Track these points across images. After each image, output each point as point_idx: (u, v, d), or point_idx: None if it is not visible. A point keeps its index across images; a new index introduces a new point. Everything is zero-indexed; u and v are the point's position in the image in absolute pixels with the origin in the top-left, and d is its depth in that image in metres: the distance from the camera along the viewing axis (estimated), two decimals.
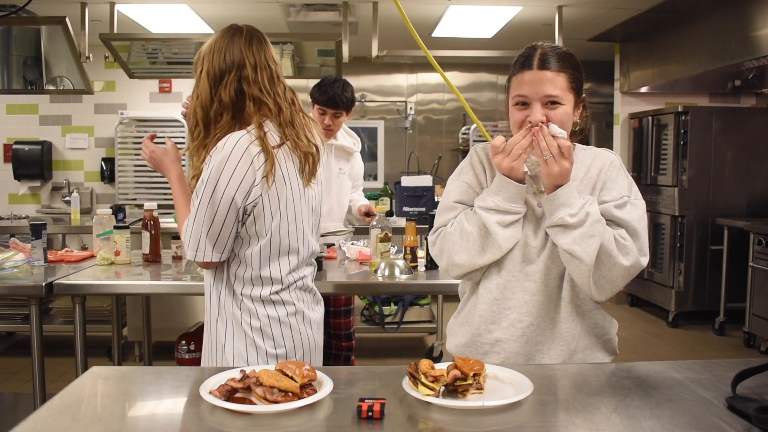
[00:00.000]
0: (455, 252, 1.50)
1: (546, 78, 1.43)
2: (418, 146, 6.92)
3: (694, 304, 5.19)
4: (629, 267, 1.42)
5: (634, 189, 1.53)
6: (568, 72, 1.45)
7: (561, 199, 1.39)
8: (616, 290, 1.46)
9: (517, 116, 1.47)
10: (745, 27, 4.20)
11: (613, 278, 1.43)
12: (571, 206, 1.39)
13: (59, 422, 1.08)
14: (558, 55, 1.46)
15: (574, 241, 1.39)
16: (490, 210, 1.44)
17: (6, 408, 3.32)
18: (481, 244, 1.47)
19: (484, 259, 1.49)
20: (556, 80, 1.43)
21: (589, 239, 1.38)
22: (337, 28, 4.55)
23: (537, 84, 1.43)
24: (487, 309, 1.52)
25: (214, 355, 1.71)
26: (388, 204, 4.57)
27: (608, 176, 1.51)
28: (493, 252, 1.47)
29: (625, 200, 1.48)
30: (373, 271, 2.52)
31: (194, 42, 4.33)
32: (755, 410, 1.08)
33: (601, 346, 1.55)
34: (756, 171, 5.26)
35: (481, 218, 1.46)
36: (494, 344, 1.52)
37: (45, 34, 4.07)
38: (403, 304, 4.40)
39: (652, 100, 5.85)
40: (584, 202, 1.41)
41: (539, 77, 1.43)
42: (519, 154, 1.39)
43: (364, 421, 1.07)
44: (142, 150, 1.81)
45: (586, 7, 4.66)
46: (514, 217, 1.45)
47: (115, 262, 2.69)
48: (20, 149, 5.83)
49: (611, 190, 1.49)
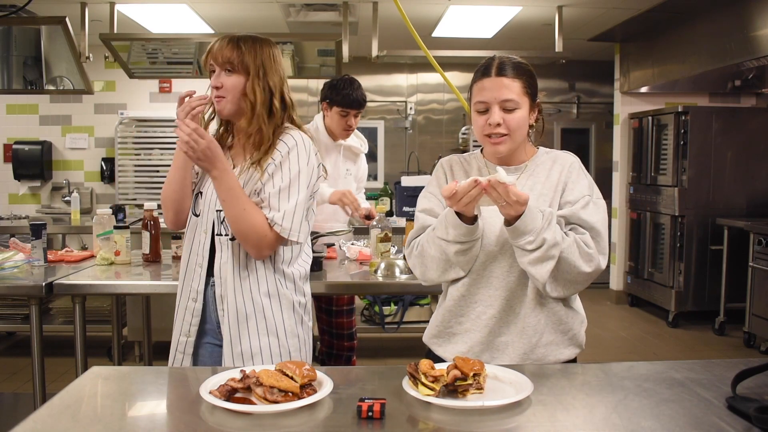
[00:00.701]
0: (425, 270, 1.63)
1: (503, 84, 1.55)
2: (418, 146, 6.92)
3: (694, 304, 5.19)
4: (591, 273, 1.52)
5: (595, 189, 1.61)
6: (522, 78, 1.57)
7: (520, 230, 1.45)
8: (575, 292, 1.59)
9: (478, 121, 1.58)
10: (745, 27, 4.20)
11: (574, 282, 1.52)
12: (530, 233, 1.45)
13: (59, 422, 1.08)
14: (513, 64, 1.58)
15: (529, 263, 1.48)
16: (450, 242, 1.53)
17: (6, 408, 3.32)
18: (444, 267, 1.59)
19: (449, 276, 1.61)
20: (512, 86, 1.55)
21: (543, 262, 1.47)
22: (337, 28, 4.55)
23: (495, 89, 1.55)
24: (455, 305, 1.63)
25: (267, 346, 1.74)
26: (388, 204, 4.57)
27: (569, 178, 1.60)
28: (456, 272, 1.60)
29: (587, 200, 1.57)
30: (373, 271, 2.52)
31: (194, 42, 4.33)
32: (755, 410, 1.08)
33: (567, 342, 1.60)
34: (756, 171, 5.26)
35: (442, 248, 1.55)
36: (462, 334, 1.62)
37: (45, 34, 4.07)
38: (403, 304, 4.40)
39: (652, 100, 5.85)
40: (542, 227, 1.45)
41: (497, 83, 1.55)
42: (467, 203, 1.43)
43: (364, 421, 1.07)
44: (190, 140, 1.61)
45: (586, 7, 4.66)
46: (470, 245, 1.54)
47: (115, 262, 2.69)
48: (20, 149, 5.83)
49: (573, 190, 1.58)
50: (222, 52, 1.71)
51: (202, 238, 1.78)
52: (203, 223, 1.78)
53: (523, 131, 1.59)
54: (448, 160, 1.73)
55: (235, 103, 1.73)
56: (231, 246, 1.74)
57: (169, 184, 1.80)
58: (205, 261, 1.77)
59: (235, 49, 1.71)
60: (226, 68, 1.71)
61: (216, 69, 1.73)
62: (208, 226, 1.77)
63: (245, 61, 1.71)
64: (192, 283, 1.79)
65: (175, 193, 1.79)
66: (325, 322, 3.23)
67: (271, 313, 1.75)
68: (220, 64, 1.72)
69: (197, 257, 1.79)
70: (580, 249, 1.50)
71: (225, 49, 1.71)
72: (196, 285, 1.78)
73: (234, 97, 1.72)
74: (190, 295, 1.80)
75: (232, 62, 1.70)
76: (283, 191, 1.70)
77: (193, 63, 4.42)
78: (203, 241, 1.78)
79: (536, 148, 1.69)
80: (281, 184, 1.70)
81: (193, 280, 1.79)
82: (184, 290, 1.82)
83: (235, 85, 1.71)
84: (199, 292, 1.78)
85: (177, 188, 1.79)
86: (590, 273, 1.52)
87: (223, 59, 1.70)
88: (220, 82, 1.71)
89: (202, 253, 1.78)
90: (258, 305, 1.74)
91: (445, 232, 1.53)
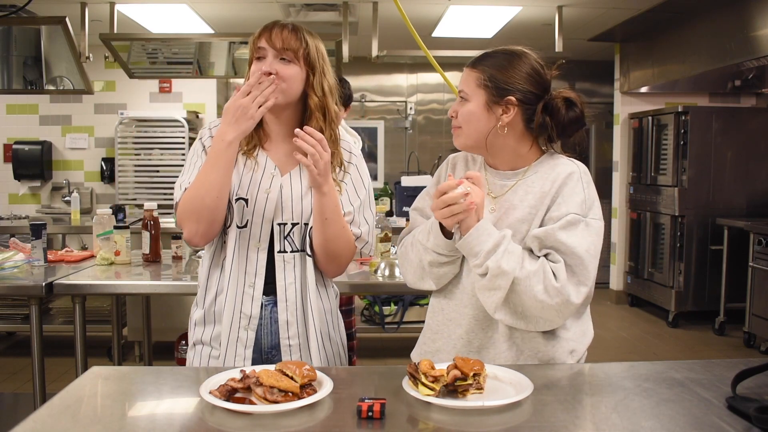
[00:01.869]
0: (404, 273, 1.55)
1: (463, 75, 1.47)
2: (418, 146, 6.92)
3: (694, 304, 5.19)
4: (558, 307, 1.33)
5: (593, 208, 1.40)
6: (481, 69, 1.44)
7: (466, 249, 1.37)
8: (545, 328, 1.40)
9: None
10: (745, 27, 4.20)
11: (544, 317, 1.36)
12: (477, 256, 1.35)
13: (59, 422, 1.08)
14: (485, 55, 1.47)
15: (479, 289, 1.40)
16: (428, 250, 1.44)
17: (6, 408, 3.32)
18: (420, 274, 1.50)
19: (423, 286, 1.52)
20: (467, 77, 1.46)
21: (489, 291, 1.36)
22: (337, 28, 4.55)
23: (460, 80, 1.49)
24: (433, 318, 1.54)
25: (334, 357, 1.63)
26: (388, 204, 4.57)
27: (561, 191, 1.39)
28: (428, 284, 1.50)
29: (573, 219, 1.36)
30: (373, 271, 2.52)
31: (194, 42, 4.33)
32: (755, 410, 1.08)
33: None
34: (756, 171, 5.26)
35: (420, 254, 1.47)
36: (435, 353, 1.51)
37: (45, 34, 4.07)
38: (403, 304, 4.40)
39: (652, 100, 5.85)
40: (489, 250, 1.33)
41: (463, 73, 1.48)
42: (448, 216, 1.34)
43: (364, 421, 1.07)
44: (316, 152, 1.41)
45: (586, 7, 4.66)
46: (448, 259, 1.44)
47: (115, 262, 2.69)
48: (20, 149, 5.83)
49: (561, 205, 1.38)
50: (283, 36, 1.50)
51: (254, 253, 1.54)
52: (255, 236, 1.54)
53: (475, 126, 1.43)
54: (454, 158, 1.61)
55: (290, 95, 1.52)
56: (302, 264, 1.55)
57: (208, 189, 1.46)
58: (260, 281, 1.54)
59: (299, 38, 1.52)
60: (284, 57, 1.50)
61: (267, 55, 1.50)
62: (262, 239, 1.54)
63: (309, 53, 1.53)
64: (242, 308, 1.54)
65: (218, 200, 1.47)
66: None
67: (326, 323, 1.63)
68: (277, 50, 1.49)
69: (247, 277, 1.54)
70: (546, 281, 1.32)
71: (288, 36, 1.50)
72: (248, 310, 1.54)
73: (290, 88, 1.51)
74: (240, 323, 1.54)
75: (295, 50, 1.50)
76: (364, 204, 1.61)
77: (193, 63, 4.42)
78: (256, 257, 1.54)
79: (541, 152, 1.49)
80: (362, 197, 1.60)
81: (243, 304, 1.54)
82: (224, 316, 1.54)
83: (293, 76, 1.51)
84: (253, 317, 1.54)
85: (219, 194, 1.47)
86: (556, 308, 1.32)
87: (284, 45, 1.49)
88: (274, 68, 1.48)
89: (255, 272, 1.54)
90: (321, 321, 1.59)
91: (425, 238, 1.44)
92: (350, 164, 1.63)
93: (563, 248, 1.34)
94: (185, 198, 1.50)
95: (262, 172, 1.56)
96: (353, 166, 1.63)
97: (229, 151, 1.45)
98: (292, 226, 1.55)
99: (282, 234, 1.54)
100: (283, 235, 1.54)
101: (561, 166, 1.44)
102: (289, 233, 1.55)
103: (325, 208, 1.48)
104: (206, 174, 1.47)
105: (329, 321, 1.64)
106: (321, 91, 1.54)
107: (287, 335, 1.55)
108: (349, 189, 1.59)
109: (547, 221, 1.38)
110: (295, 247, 1.56)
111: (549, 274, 1.33)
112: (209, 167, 1.47)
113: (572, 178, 1.40)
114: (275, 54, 1.50)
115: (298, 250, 1.56)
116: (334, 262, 1.56)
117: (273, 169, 1.56)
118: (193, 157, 1.59)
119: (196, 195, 1.47)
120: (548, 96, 1.44)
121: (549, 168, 1.45)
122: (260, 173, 1.55)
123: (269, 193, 1.54)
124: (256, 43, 1.53)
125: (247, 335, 1.54)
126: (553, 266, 1.34)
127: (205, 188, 1.46)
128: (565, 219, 1.36)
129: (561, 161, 1.46)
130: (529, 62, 1.45)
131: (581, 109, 1.44)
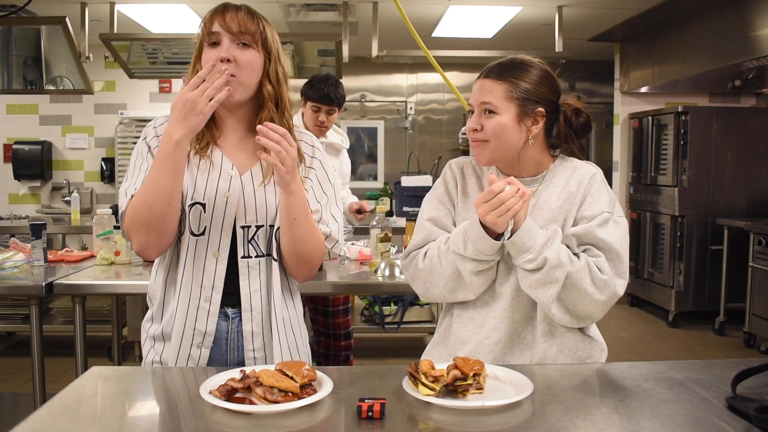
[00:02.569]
0: (429, 287, 1.50)
1: (485, 86, 1.44)
2: (418, 146, 6.92)
3: (694, 304, 5.19)
4: (604, 300, 1.40)
5: (617, 206, 1.48)
6: (508, 81, 1.43)
7: (518, 245, 1.37)
8: (590, 322, 1.46)
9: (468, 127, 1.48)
10: (745, 27, 4.20)
11: (586, 311, 1.41)
12: (530, 251, 1.36)
13: (59, 422, 1.08)
14: (505, 65, 1.45)
15: (530, 285, 1.40)
16: (466, 258, 1.41)
17: (6, 408, 3.32)
18: (453, 286, 1.47)
19: (457, 298, 1.49)
20: (493, 89, 1.43)
21: (545, 285, 1.37)
22: (337, 28, 4.55)
23: (477, 92, 1.45)
24: (462, 328, 1.52)
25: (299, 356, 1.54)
26: (388, 204, 4.57)
27: (589, 191, 1.46)
28: (464, 294, 1.48)
29: (607, 217, 1.43)
30: (373, 271, 2.52)
31: (194, 42, 4.32)
32: (755, 410, 1.08)
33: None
34: (756, 171, 5.26)
35: (456, 264, 1.43)
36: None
37: (45, 34, 4.07)
38: (403, 304, 4.40)
39: (652, 100, 5.85)
40: (544, 244, 1.36)
41: (480, 85, 1.45)
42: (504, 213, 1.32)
43: (364, 421, 1.07)
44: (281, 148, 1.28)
45: (586, 7, 4.66)
46: (489, 265, 1.43)
47: (115, 262, 2.69)
48: (20, 149, 5.83)
49: (592, 204, 1.44)
50: (239, 18, 1.37)
51: (211, 263, 1.42)
52: (213, 244, 1.41)
53: (507, 139, 1.43)
54: (459, 163, 1.58)
55: (250, 86, 1.40)
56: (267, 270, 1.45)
57: (156, 196, 1.31)
58: (217, 293, 1.42)
59: (255, 20, 1.39)
60: (241, 41, 1.37)
61: (222, 39, 1.37)
62: (222, 248, 1.42)
63: (267, 37, 1.40)
64: (196, 324, 1.42)
65: (168, 207, 1.33)
66: (321, 323, 3.23)
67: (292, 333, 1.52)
68: (234, 34, 1.36)
69: (203, 290, 1.42)
70: (592, 274, 1.38)
71: (245, 18, 1.38)
72: (202, 326, 1.42)
73: (249, 78, 1.39)
74: (193, 340, 1.42)
75: (253, 34, 1.38)
76: (331, 202, 1.51)
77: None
78: (214, 267, 1.42)
79: (553, 157, 1.53)
80: (329, 193, 1.51)
81: (198, 321, 1.42)
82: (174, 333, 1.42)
83: (251, 62, 1.38)
84: (208, 334, 1.43)
85: (169, 201, 1.33)
86: (604, 301, 1.39)
87: (241, 28, 1.37)
88: (231, 54, 1.36)
89: (212, 284, 1.42)
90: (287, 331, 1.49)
91: (462, 246, 1.40)
92: (314, 159, 1.52)
93: (602, 244, 1.41)
94: (132, 207, 1.35)
95: (219, 172, 1.42)
96: (317, 161, 1.52)
97: (178, 151, 1.30)
98: (257, 228, 1.43)
99: (246, 238, 1.42)
100: (247, 238, 1.42)
101: (582, 168, 1.50)
102: (254, 236, 1.43)
103: (293, 207, 1.36)
104: (154, 179, 1.32)
105: (295, 331, 1.52)
106: (276, 79, 1.42)
107: (252, 347, 1.44)
108: (314, 185, 1.49)
109: (580, 220, 1.44)
110: (261, 251, 1.44)
111: (594, 267, 1.39)
112: (156, 171, 1.31)
113: (596, 178, 1.48)
114: (231, 38, 1.37)
115: (264, 254, 1.45)
116: (304, 265, 1.45)
117: (231, 169, 1.43)
118: (137, 159, 1.44)
119: (143, 203, 1.33)
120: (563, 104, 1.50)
121: (568, 171, 1.50)
122: (217, 174, 1.42)
123: (228, 196, 1.41)
124: (208, 26, 1.38)
125: (200, 354, 1.42)
126: (596, 260, 1.40)
127: (153, 195, 1.31)
128: (601, 217, 1.42)
129: (577, 163, 1.52)
130: (546, 70, 1.49)
131: (588, 114, 1.52)
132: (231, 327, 1.45)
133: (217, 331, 1.44)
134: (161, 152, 1.32)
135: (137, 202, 1.35)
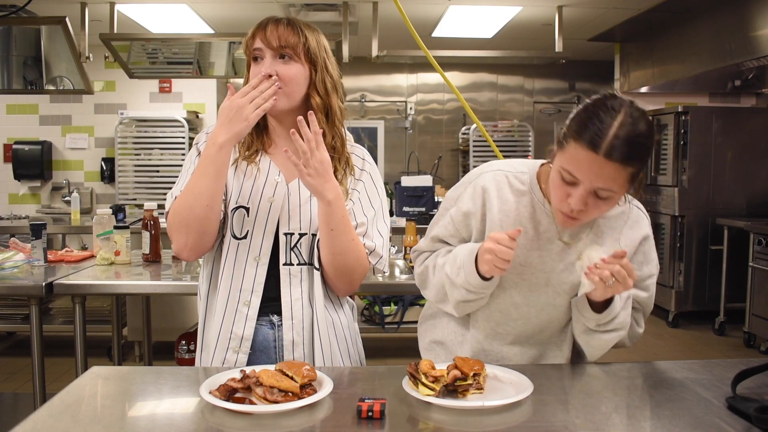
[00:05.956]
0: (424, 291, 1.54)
1: (605, 172, 1.19)
2: (418, 146, 6.92)
3: (694, 304, 5.18)
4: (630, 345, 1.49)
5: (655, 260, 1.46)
6: (635, 165, 1.21)
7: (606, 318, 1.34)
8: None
9: (558, 190, 1.27)
10: (745, 27, 4.20)
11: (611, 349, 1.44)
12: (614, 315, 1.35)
13: (59, 422, 1.08)
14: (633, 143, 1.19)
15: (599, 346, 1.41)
16: (455, 285, 1.38)
17: (6, 408, 3.31)
18: (441, 298, 1.47)
19: (445, 309, 1.50)
20: (617, 176, 1.20)
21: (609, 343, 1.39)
22: (337, 28, 4.55)
23: (592, 173, 1.20)
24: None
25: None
26: (388, 204, 4.57)
27: (646, 249, 1.42)
28: (449, 310, 1.47)
29: (654, 280, 1.45)
30: None
31: (194, 42, 4.32)
32: (755, 410, 1.08)
33: None
34: (756, 171, 5.26)
35: (443, 283, 1.41)
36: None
37: (45, 34, 4.07)
38: (403, 304, 4.40)
39: (652, 100, 5.85)
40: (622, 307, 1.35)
41: (599, 166, 1.19)
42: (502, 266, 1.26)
43: (364, 421, 1.07)
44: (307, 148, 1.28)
45: (586, 7, 4.66)
46: (479, 297, 1.39)
47: (115, 262, 2.69)
48: (20, 149, 5.83)
49: (642, 265, 1.41)
50: (278, 33, 1.38)
51: (252, 267, 1.41)
52: (254, 249, 1.41)
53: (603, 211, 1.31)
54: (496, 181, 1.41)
55: (295, 98, 1.40)
56: (309, 278, 1.43)
57: (197, 197, 1.33)
58: (257, 298, 1.41)
59: (297, 32, 1.40)
60: (282, 54, 1.38)
61: (265, 55, 1.39)
62: (263, 252, 1.41)
63: (310, 47, 1.40)
64: (233, 328, 1.41)
65: (208, 209, 1.34)
66: None
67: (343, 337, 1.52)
68: (274, 49, 1.37)
69: (242, 294, 1.41)
70: (631, 330, 1.44)
71: (285, 31, 1.38)
72: (239, 330, 1.41)
73: (293, 90, 1.39)
74: (230, 344, 1.41)
75: (294, 47, 1.38)
76: (378, 216, 1.48)
77: (193, 63, 4.42)
78: (254, 272, 1.41)
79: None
80: (376, 207, 1.48)
81: (235, 324, 1.40)
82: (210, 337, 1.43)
83: (295, 76, 1.39)
84: (245, 339, 1.41)
85: (209, 203, 1.34)
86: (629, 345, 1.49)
87: (281, 42, 1.37)
88: (274, 70, 1.36)
89: (252, 288, 1.41)
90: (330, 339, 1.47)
91: (455, 272, 1.36)
92: (363, 171, 1.50)
93: (644, 302, 1.46)
94: (174, 207, 1.38)
95: (265, 178, 1.43)
96: (366, 174, 1.50)
97: (221, 155, 1.31)
98: (300, 236, 1.42)
99: (288, 245, 1.42)
100: (290, 246, 1.42)
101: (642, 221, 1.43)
102: (296, 244, 1.42)
103: (330, 218, 1.34)
104: (196, 181, 1.34)
105: (346, 334, 1.52)
106: (324, 90, 1.42)
107: (292, 358, 1.42)
108: (362, 198, 1.47)
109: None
110: (303, 259, 1.43)
111: (634, 323, 1.46)
112: (198, 173, 1.34)
113: (650, 239, 1.44)
114: (273, 53, 1.38)
115: (306, 263, 1.43)
116: (343, 278, 1.43)
117: (277, 176, 1.44)
118: (187, 163, 1.48)
119: (184, 203, 1.35)
120: None
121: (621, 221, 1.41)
122: (263, 180, 1.43)
123: (272, 201, 1.41)
124: (251, 44, 1.41)
125: (236, 359, 1.41)
126: (635, 314, 1.46)
127: (194, 196, 1.33)
128: (650, 281, 1.44)
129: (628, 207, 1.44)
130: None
131: None
132: (278, 335, 1.44)
133: (264, 339, 1.44)
134: (204, 155, 1.34)
135: (179, 202, 1.38)
